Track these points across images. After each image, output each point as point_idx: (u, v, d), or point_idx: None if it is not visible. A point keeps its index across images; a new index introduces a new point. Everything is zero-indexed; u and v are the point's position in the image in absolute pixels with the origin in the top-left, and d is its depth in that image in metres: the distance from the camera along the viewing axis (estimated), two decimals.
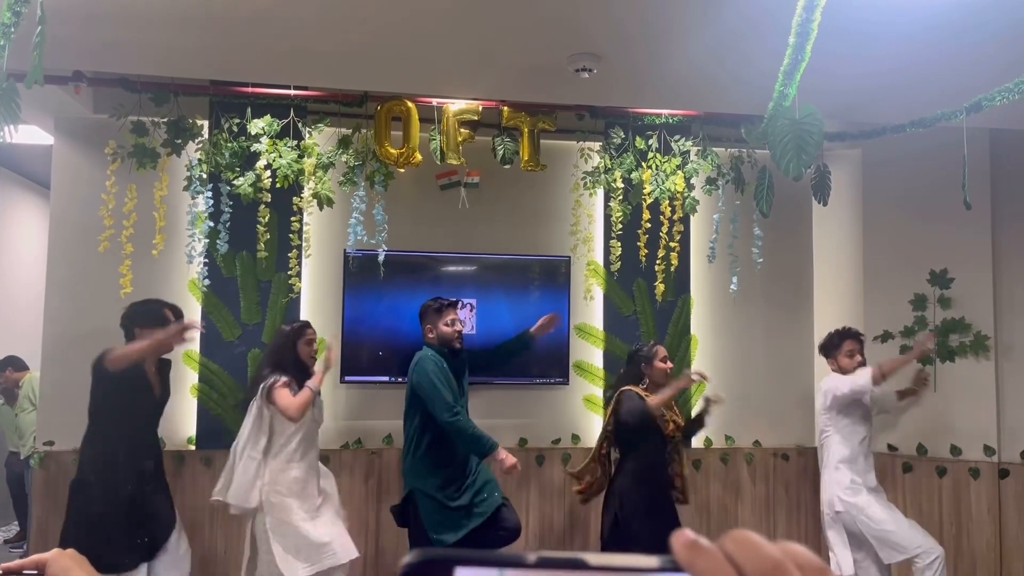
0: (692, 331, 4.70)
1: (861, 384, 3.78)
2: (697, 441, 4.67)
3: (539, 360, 4.52)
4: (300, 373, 3.57)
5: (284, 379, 3.50)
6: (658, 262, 4.24)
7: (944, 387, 4.48)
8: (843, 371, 3.92)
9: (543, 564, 0.35)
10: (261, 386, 3.53)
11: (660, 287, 4.24)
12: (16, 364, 6.18)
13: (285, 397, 3.46)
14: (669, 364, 3.81)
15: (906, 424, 4.53)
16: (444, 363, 3.65)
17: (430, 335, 3.74)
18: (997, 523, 4.35)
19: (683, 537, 0.35)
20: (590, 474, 3.81)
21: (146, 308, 3.50)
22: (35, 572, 0.77)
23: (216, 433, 4.16)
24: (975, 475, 4.39)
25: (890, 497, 4.09)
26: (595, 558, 0.36)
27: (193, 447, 4.22)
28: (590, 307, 4.58)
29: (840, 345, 3.95)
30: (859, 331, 4.03)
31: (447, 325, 3.71)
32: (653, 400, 3.61)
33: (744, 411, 4.71)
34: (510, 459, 3.54)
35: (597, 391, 4.60)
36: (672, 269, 4.23)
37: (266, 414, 3.53)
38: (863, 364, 3.89)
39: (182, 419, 4.19)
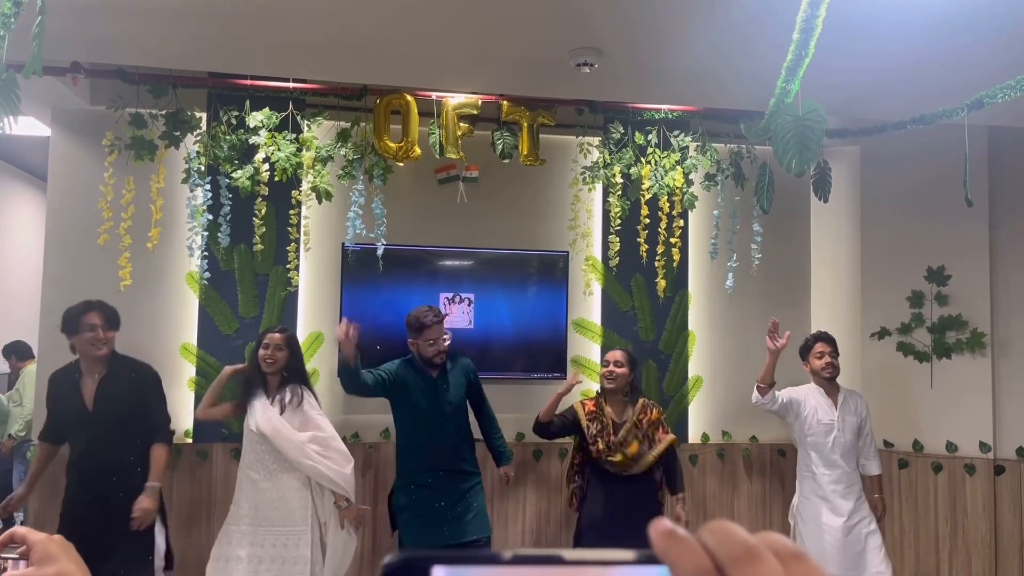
0: (690, 327, 4.71)
1: (755, 403, 3.99)
2: (694, 436, 4.68)
3: (537, 355, 4.52)
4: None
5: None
6: (657, 258, 4.24)
7: (940, 384, 4.49)
8: (813, 373, 4.01)
9: (518, 561, 0.36)
10: None
11: (661, 283, 4.23)
12: (20, 352, 6.04)
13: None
14: (611, 368, 3.80)
15: (902, 420, 4.55)
16: (405, 375, 3.63)
17: (411, 348, 3.66)
18: (992, 520, 4.37)
19: (660, 526, 0.36)
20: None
21: (65, 316, 3.46)
22: (18, 550, 0.75)
23: (213, 426, 4.16)
24: (971, 472, 4.41)
25: (885, 494, 4.10)
26: (571, 553, 0.36)
27: (190, 440, 4.21)
28: (588, 302, 4.58)
29: (812, 347, 4.03)
30: (827, 333, 4.07)
31: (430, 345, 3.59)
32: (543, 410, 3.83)
33: (741, 406, 4.72)
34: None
35: (595, 386, 4.60)
36: (671, 265, 4.23)
37: None
38: (832, 365, 3.96)
39: (179, 412, 4.18)
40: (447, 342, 3.64)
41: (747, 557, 0.34)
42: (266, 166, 3.74)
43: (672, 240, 4.18)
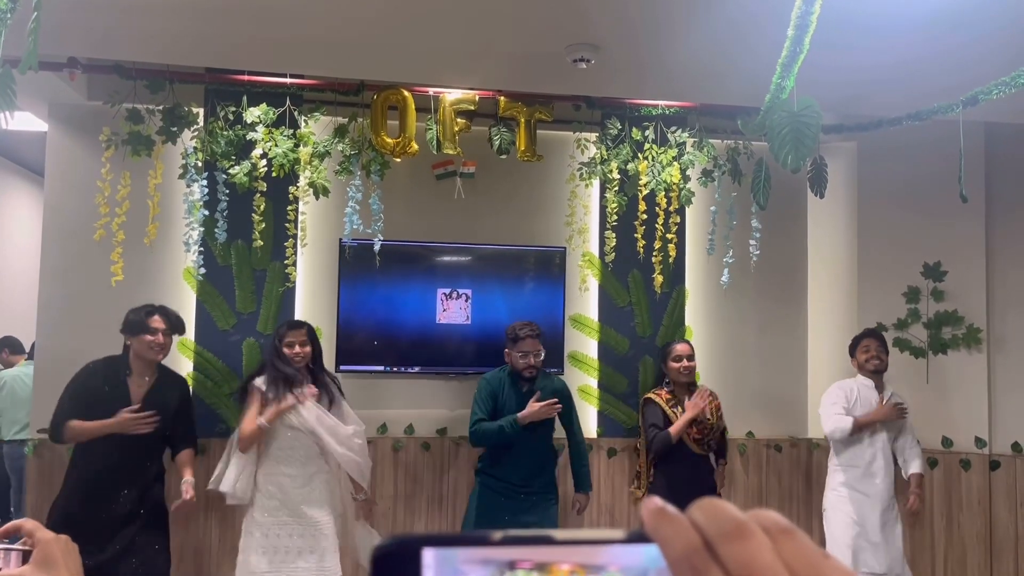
0: (687, 322, 4.71)
1: (833, 431, 3.92)
2: None
3: None
4: (284, 373, 3.57)
5: (257, 384, 3.55)
6: (654, 254, 4.25)
7: (936, 379, 4.51)
8: (860, 368, 4.03)
9: (509, 542, 0.36)
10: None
11: (658, 278, 4.25)
12: (13, 346, 6.02)
13: (246, 420, 3.49)
14: (685, 363, 3.84)
15: None
16: (498, 386, 3.80)
17: (506, 359, 3.86)
18: (987, 515, 4.38)
19: (650, 504, 0.36)
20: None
21: (129, 317, 3.49)
22: (24, 545, 0.75)
23: (211, 421, 4.16)
24: (966, 467, 4.42)
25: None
26: (561, 533, 0.36)
27: None
28: (585, 298, 4.58)
29: (859, 342, 4.06)
30: (877, 330, 4.11)
31: (521, 357, 3.77)
32: (673, 428, 3.72)
33: (738, 402, 4.73)
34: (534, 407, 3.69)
35: (592, 381, 4.61)
36: (668, 261, 4.24)
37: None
38: (878, 359, 3.96)
39: None
40: (540, 357, 3.79)
41: (736, 533, 0.34)
42: (263, 162, 3.74)
43: (669, 236, 4.18)
